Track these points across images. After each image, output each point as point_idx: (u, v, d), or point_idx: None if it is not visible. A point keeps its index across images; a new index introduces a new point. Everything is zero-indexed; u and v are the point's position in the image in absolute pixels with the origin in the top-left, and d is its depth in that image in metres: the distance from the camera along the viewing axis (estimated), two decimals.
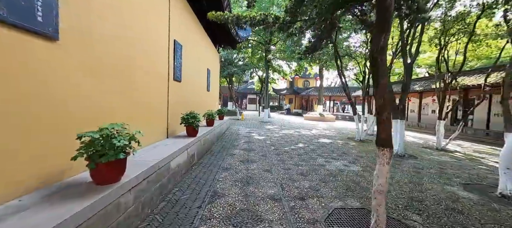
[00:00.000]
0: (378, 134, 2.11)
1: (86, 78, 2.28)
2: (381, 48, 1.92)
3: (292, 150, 6.42)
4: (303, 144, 7.49)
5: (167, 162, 3.08)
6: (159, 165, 2.78)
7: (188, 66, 5.71)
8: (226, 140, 7.73)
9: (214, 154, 5.56)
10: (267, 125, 13.86)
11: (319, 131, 11.81)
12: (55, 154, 1.95)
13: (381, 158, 2.11)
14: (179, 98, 5.17)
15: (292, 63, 21.47)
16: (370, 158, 5.88)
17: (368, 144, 8.03)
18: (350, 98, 9.23)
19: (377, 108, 2.06)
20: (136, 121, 3.14)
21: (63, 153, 1.97)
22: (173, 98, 4.74)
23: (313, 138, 9.09)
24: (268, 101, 17.51)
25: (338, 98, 26.31)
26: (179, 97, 5.17)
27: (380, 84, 1.97)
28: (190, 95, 6.15)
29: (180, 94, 5.20)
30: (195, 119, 4.64)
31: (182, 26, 5.21)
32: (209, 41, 8.60)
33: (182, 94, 5.35)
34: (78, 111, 2.19)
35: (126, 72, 2.99)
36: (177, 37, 4.81)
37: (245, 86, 39.22)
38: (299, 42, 12.29)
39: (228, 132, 9.79)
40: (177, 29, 4.82)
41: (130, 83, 3.09)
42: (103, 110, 2.56)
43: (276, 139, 8.41)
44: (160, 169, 2.81)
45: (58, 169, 1.98)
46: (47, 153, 1.88)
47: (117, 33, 2.75)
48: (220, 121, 8.94)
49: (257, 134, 9.43)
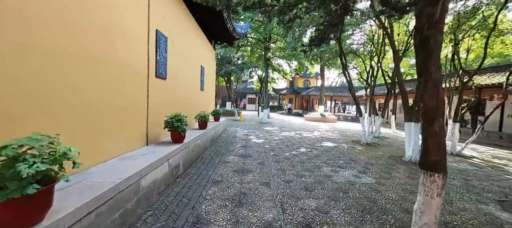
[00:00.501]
0: (426, 152, 1.43)
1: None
2: (435, 24, 1.25)
3: (294, 156, 5.75)
4: (306, 149, 6.82)
5: (136, 181, 2.41)
6: (120, 187, 2.11)
7: (175, 62, 5.03)
8: (221, 144, 7.05)
9: (205, 162, 4.88)
10: (266, 126, 13.19)
11: (321, 133, 11.13)
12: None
13: (428, 186, 1.44)
14: (164, 98, 4.49)
15: (292, 62, 20.79)
16: (382, 166, 5.20)
17: (375, 149, 7.36)
18: (355, 98, 8.56)
19: (426, 114, 1.39)
20: (94, 128, 2.47)
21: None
22: (156, 97, 4.06)
23: (315, 141, 8.42)
24: (267, 101, 16.85)
25: (339, 98, 25.66)
26: (164, 96, 4.49)
27: (432, 77, 1.30)
28: (179, 94, 5.47)
29: (165, 93, 4.52)
30: (181, 122, 3.96)
31: (168, 17, 4.53)
32: (203, 37, 7.93)
33: (168, 94, 4.68)
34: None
35: (86, 66, 2.32)
36: (160, 27, 4.13)
37: (244, 85, 38.54)
38: (300, 38, 11.63)
39: (224, 134, 9.12)
40: (160, 18, 4.15)
41: (90, 79, 2.42)
42: (32, 112, 1.88)
43: (276, 142, 7.74)
44: (122, 192, 2.13)
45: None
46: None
47: (74, 20, 2.07)
48: (215, 123, 8.27)
49: (255, 137, 8.76)
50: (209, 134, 6.67)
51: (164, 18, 4.32)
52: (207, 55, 8.70)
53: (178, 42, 5.19)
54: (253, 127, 12.58)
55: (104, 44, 2.67)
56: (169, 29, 4.53)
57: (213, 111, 8.98)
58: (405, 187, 3.85)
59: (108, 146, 2.79)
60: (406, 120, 6.00)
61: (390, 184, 3.95)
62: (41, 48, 1.89)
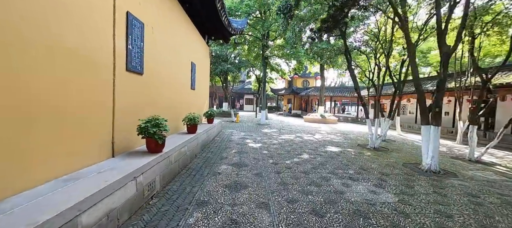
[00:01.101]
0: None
1: None
2: None
3: (296, 165, 4.99)
4: (309, 155, 6.06)
5: (70, 219, 1.61)
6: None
7: (157, 54, 4.24)
8: (213, 149, 6.26)
9: (192, 174, 4.09)
10: (264, 128, 12.43)
11: (323, 135, 10.40)
12: None
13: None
14: (141, 97, 3.70)
15: (291, 62, 20.08)
16: (399, 177, 4.46)
17: (385, 154, 6.64)
18: (361, 99, 7.84)
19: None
20: (21, 138, 1.68)
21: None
22: (127, 97, 3.27)
23: (318, 145, 7.67)
24: (265, 101, 16.10)
25: (338, 99, 25.03)
26: (141, 95, 3.70)
27: None
28: (163, 93, 4.68)
29: (142, 92, 3.73)
30: (159, 127, 3.17)
31: (146, 0, 3.74)
32: (195, 30, 7.14)
33: (146, 92, 3.88)
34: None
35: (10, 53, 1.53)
36: (133, 10, 3.34)
37: (241, 85, 37.77)
38: (300, 34, 10.90)
39: (219, 138, 8.33)
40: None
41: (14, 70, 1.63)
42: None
43: (275, 147, 6.97)
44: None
45: None
46: None
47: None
48: (208, 126, 7.48)
49: (253, 141, 7.98)
50: (200, 139, 5.88)
51: (138, 2, 3.53)
52: (199, 51, 7.92)
53: (161, 31, 4.40)
54: (250, 129, 11.80)
55: (41, 24, 1.88)
56: (146, 14, 3.74)
57: (206, 113, 8.19)
58: (437, 208, 3.10)
59: (46, 163, 2.00)
60: (424, 123, 5.28)
61: (418, 204, 3.20)
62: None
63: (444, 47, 4.74)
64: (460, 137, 9.71)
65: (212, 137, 7.86)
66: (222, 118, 18.70)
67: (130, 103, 3.37)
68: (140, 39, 3.53)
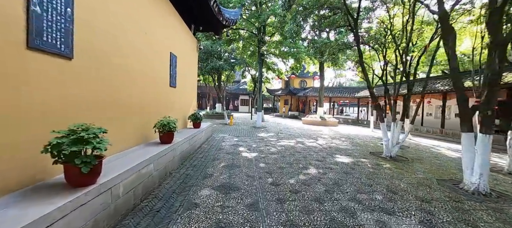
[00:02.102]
0: None
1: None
2: None
3: (304, 187, 3.74)
4: (316, 169, 4.82)
5: None
6: None
7: (109, 32, 2.93)
8: (197, 162, 4.95)
9: (153, 210, 2.78)
10: (261, 132, 11.16)
11: (327, 140, 9.21)
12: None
13: None
14: (71, 92, 2.38)
15: (288, 61, 18.88)
16: (448, 207, 3.26)
17: (408, 167, 5.46)
18: (375, 99, 6.67)
19: None
20: None
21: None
22: (33, 93, 1.95)
23: (325, 154, 6.45)
24: (261, 102, 14.86)
25: (337, 99, 24.01)
26: (71, 90, 2.38)
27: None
28: (121, 90, 3.37)
29: (72, 85, 2.41)
30: (88, 144, 1.87)
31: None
32: (177, 16, 5.84)
33: (82, 85, 2.57)
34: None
35: None
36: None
37: (237, 86, 36.51)
38: (301, 28, 9.71)
39: (207, 145, 7.01)
40: None
41: None
42: None
43: (274, 158, 5.71)
44: None
45: None
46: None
47: None
48: (193, 131, 6.17)
49: (247, 149, 6.70)
50: (178, 151, 4.56)
51: None
52: (183, 42, 6.61)
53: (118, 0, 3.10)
54: (245, 133, 10.52)
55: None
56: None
57: (192, 116, 6.87)
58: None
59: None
60: (465, 129, 4.12)
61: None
62: None
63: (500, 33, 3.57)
64: None
65: (198, 144, 6.54)
66: (214, 120, 17.37)
67: (41, 102, 2.05)
68: (70, 2, 2.22)
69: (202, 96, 35.85)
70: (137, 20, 3.83)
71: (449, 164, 5.98)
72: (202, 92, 33.72)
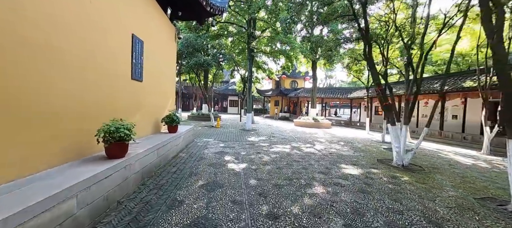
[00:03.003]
0: None
1: None
2: None
3: (312, 219, 2.62)
4: (323, 187, 3.73)
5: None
6: None
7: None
8: (164, 181, 3.69)
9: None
10: (251, 135, 9.99)
11: (325, 145, 8.21)
12: None
13: None
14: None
15: (279, 60, 17.86)
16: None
17: (429, 179, 4.52)
18: (386, 98, 5.72)
19: None
20: None
21: None
22: None
23: (328, 163, 5.39)
24: (251, 103, 13.71)
25: (329, 100, 23.37)
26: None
27: None
28: (38, 81, 2.07)
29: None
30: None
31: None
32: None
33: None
34: None
35: None
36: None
37: (225, 86, 35.17)
38: (296, 18, 8.68)
39: (185, 154, 5.73)
40: None
41: None
42: None
43: (268, 171, 4.56)
44: None
45: None
46: None
47: None
48: (166, 138, 4.89)
49: (234, 158, 5.51)
50: (134, 168, 3.27)
51: None
52: (154, 25, 5.31)
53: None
54: (233, 137, 9.30)
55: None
56: None
57: (167, 118, 5.57)
58: None
59: None
60: None
61: None
62: None
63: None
64: (487, 146, 8.02)
65: (173, 153, 5.25)
66: (200, 122, 15.97)
67: None
68: None
69: (189, 96, 34.10)
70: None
71: (471, 174, 5.12)
72: (189, 92, 32.02)
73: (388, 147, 8.35)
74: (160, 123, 5.66)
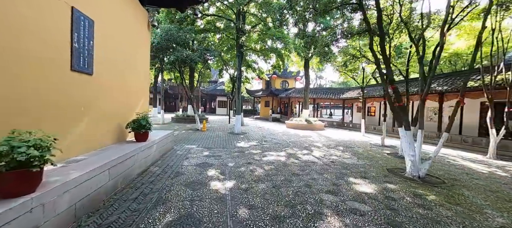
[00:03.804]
0: None
1: None
2: None
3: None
4: (336, 216, 2.77)
5: None
6: None
7: None
8: (115, 218, 2.55)
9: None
10: (240, 140, 8.93)
11: (324, 151, 7.33)
12: None
13: None
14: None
15: (270, 59, 16.88)
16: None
17: (459, 197, 3.72)
18: (400, 99, 4.89)
19: None
20: None
21: None
22: None
23: (334, 177, 4.46)
24: (241, 104, 12.65)
25: (321, 101, 22.82)
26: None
27: None
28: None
29: None
30: None
31: None
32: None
33: None
34: None
35: None
36: None
37: (214, 86, 33.84)
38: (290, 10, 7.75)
39: (157, 168, 4.56)
40: None
41: None
42: None
43: (262, 193, 3.53)
44: None
45: None
46: None
47: None
48: (129, 150, 3.72)
49: (219, 172, 4.43)
50: (52, 208, 2.10)
51: None
52: (113, 3, 4.12)
53: None
54: (220, 142, 8.20)
55: None
56: None
57: (132, 123, 4.37)
58: None
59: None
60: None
61: None
62: None
63: None
64: (494, 150, 7.50)
65: (139, 169, 4.07)
66: (184, 124, 14.67)
67: None
68: None
69: (175, 96, 32.33)
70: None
71: (497, 187, 4.39)
72: (175, 92, 30.29)
73: (391, 152, 7.62)
74: (126, 129, 4.46)
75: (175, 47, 9.30)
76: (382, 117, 13.67)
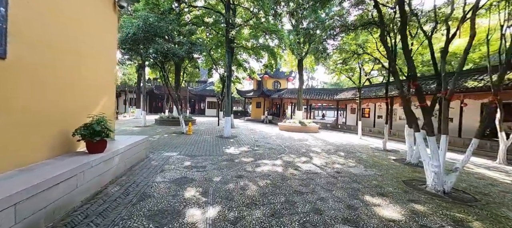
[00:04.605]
0: None
1: None
2: None
3: None
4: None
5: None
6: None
7: None
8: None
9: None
10: (229, 145, 7.91)
11: (324, 158, 6.47)
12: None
13: None
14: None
15: (262, 58, 15.96)
16: None
17: (505, 220, 2.92)
18: (423, 98, 4.10)
19: None
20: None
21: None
22: None
23: (345, 194, 3.57)
24: (230, 105, 11.63)
25: (315, 102, 22.20)
26: None
27: None
28: None
29: None
30: None
31: None
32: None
33: None
34: None
35: None
36: None
37: (203, 86, 32.52)
38: None
39: (117, 188, 3.46)
40: None
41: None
42: None
43: (257, 221, 2.56)
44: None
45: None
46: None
47: None
48: (78, 164, 2.61)
49: (200, 192, 3.41)
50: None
51: None
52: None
53: None
54: (206, 148, 7.13)
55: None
56: None
57: (83, 129, 3.24)
58: None
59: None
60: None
61: None
62: None
63: None
64: (504, 155, 6.96)
65: (88, 193, 2.96)
66: (169, 126, 13.43)
67: None
68: None
69: (161, 97, 30.66)
70: None
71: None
72: (161, 92, 28.66)
73: (397, 158, 6.90)
74: (73, 137, 3.33)
75: (155, 39, 8.13)
76: (384, 119, 13.11)
